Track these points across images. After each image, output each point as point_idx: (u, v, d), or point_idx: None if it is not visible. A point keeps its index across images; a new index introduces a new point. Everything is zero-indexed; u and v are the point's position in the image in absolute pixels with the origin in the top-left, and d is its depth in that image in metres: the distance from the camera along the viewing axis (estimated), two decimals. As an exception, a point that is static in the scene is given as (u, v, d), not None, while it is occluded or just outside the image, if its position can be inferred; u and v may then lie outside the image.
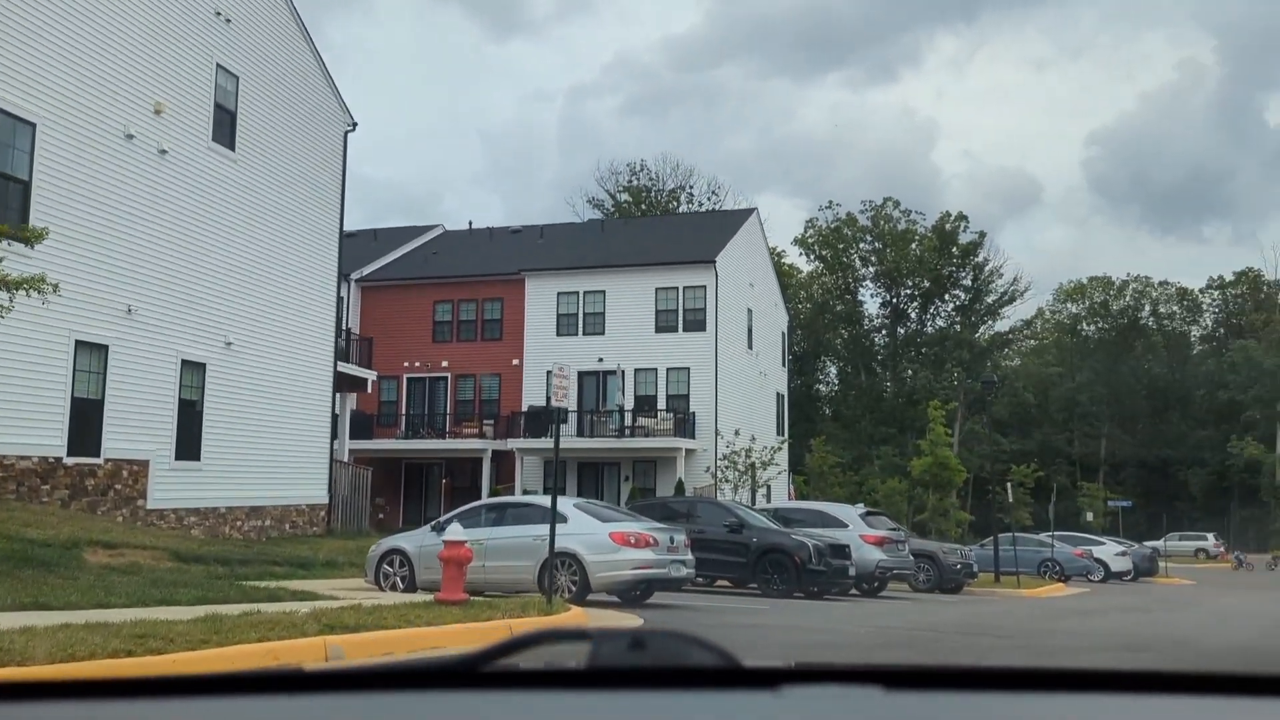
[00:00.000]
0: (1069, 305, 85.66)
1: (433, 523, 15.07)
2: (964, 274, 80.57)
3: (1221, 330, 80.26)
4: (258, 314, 22.50)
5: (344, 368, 26.98)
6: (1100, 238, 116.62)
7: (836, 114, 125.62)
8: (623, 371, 36.37)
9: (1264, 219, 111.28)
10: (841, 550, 18.50)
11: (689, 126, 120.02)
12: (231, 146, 21.87)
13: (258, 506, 22.51)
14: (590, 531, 13.21)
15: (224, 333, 21.25)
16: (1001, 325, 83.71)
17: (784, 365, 48.25)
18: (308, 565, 16.53)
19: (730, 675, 1.23)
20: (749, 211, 43.93)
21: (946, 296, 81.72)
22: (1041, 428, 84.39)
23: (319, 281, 24.99)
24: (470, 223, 45.75)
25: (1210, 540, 59.79)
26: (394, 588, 14.23)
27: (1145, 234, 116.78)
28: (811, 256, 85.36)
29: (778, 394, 46.48)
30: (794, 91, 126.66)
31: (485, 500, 15.73)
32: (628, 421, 35.94)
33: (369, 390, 31.29)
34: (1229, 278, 79.44)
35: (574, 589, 13.06)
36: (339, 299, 26.73)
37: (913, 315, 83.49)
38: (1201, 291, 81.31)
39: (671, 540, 13.64)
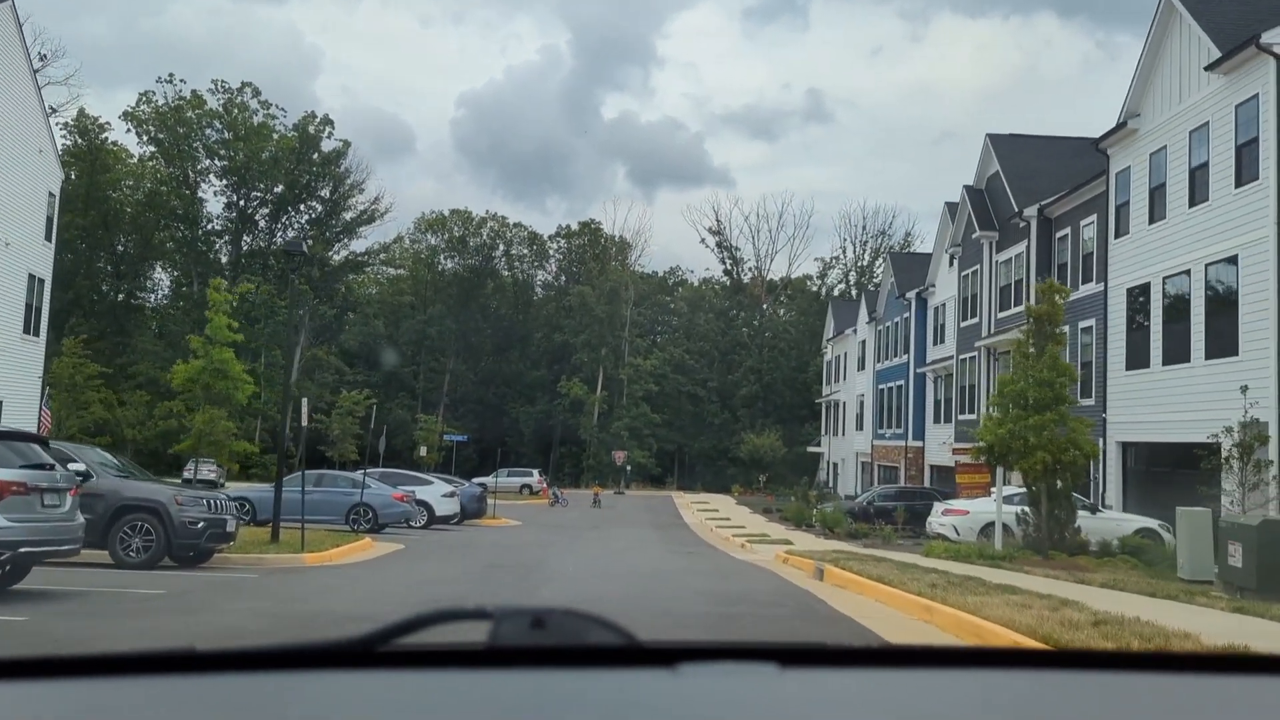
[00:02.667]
0: (429, 236, 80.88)
1: None
2: (323, 185, 71.01)
3: (564, 277, 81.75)
4: None
5: None
6: (463, 195, 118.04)
7: (216, 19, 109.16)
8: None
9: (592, 199, 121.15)
10: None
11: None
12: None
13: None
14: None
15: None
16: (358, 245, 76.18)
17: (50, 240, 34.24)
18: None
19: (629, 653, 1.21)
20: (-10, -2, 29.25)
21: (302, 207, 71.51)
22: (391, 359, 78.76)
23: None
24: None
25: (535, 477, 58.50)
26: None
27: (500, 198, 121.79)
28: (144, 138, 68.86)
29: (33, 277, 32.55)
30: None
31: None
32: None
33: None
34: (575, 228, 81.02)
35: None
36: None
37: (262, 223, 71.79)
38: (550, 238, 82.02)
39: None
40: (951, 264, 37.08)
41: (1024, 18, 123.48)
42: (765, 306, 79.30)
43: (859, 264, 77.15)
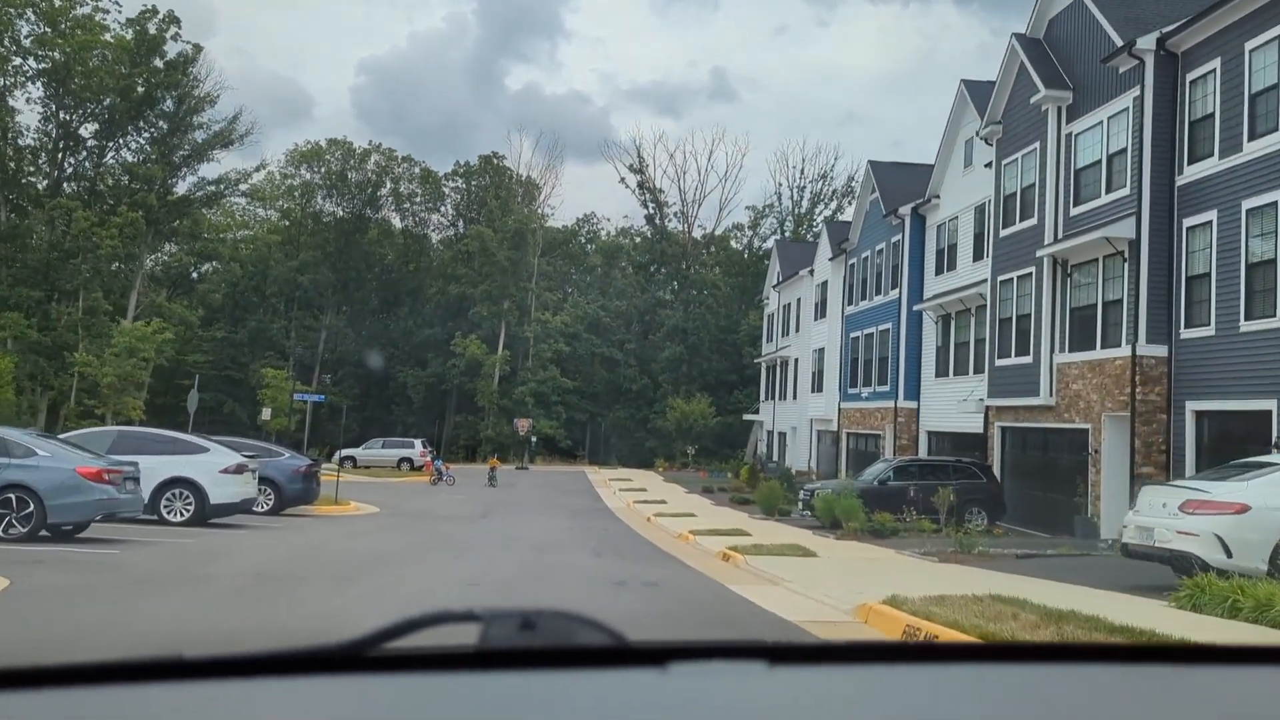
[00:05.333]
0: (303, 171, 67.80)
1: None
2: (167, 97, 57.45)
3: (462, 222, 69.75)
4: None
5: None
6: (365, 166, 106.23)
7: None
8: None
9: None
10: None
11: None
12: None
13: None
14: None
15: None
16: (210, 171, 62.88)
17: None
18: None
19: (619, 654, 1.20)
20: None
21: (142, 123, 57.81)
22: (257, 314, 65.79)
23: None
24: None
25: (417, 448, 46.72)
26: None
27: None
28: (-63, 30, 54.17)
29: None
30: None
31: None
32: None
33: None
34: (475, 164, 68.87)
35: None
36: None
37: (91, 141, 57.89)
38: (446, 177, 69.73)
39: None
40: (969, 163, 27.03)
41: (923, 4, 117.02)
42: (686, 265, 68.50)
43: (796, 211, 67.13)
